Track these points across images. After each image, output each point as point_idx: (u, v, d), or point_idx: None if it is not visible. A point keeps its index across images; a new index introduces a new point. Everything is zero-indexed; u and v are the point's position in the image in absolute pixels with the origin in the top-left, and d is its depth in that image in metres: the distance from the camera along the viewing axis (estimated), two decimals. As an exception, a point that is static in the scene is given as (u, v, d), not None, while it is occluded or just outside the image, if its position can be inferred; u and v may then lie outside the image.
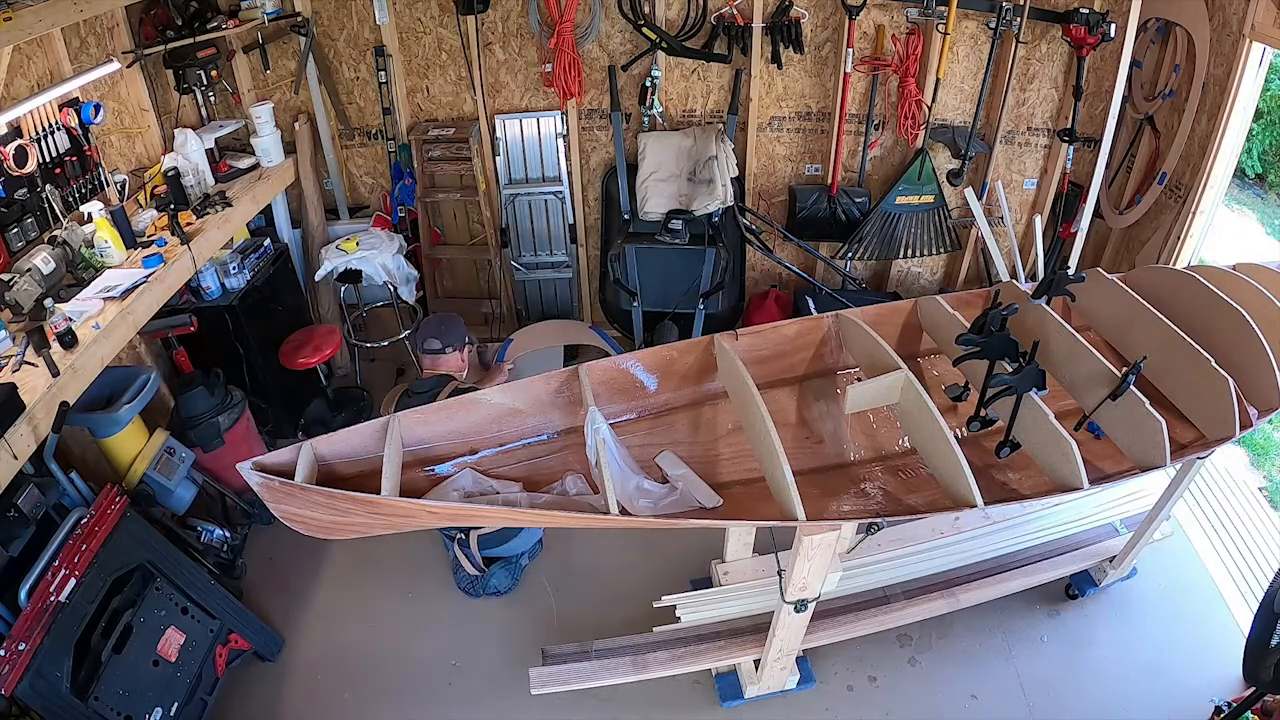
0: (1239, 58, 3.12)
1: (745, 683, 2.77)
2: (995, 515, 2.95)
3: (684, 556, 3.20)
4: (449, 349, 2.87)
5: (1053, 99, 3.90)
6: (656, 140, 3.91)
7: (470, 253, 4.46)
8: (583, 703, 2.74)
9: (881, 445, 2.53)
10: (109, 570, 2.42)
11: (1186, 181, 3.48)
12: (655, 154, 3.89)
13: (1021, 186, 4.18)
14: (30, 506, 2.39)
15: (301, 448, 1.87)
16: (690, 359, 2.42)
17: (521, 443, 2.27)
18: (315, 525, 1.85)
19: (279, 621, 3.08)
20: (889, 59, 3.76)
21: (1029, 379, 2.07)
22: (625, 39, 3.85)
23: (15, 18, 2.38)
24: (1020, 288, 2.62)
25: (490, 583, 3.14)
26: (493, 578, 3.14)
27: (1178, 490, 2.67)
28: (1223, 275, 2.58)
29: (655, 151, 3.89)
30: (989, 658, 2.91)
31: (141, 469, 2.88)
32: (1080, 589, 3.07)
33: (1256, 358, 2.26)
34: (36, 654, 2.15)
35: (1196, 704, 2.61)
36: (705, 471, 2.31)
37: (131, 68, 3.29)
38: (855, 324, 2.43)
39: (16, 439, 2.21)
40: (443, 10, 3.80)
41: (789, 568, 2.23)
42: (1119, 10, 3.51)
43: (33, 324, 2.51)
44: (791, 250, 4.32)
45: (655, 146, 3.90)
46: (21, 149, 2.71)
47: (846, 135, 3.94)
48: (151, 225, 3.18)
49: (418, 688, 2.88)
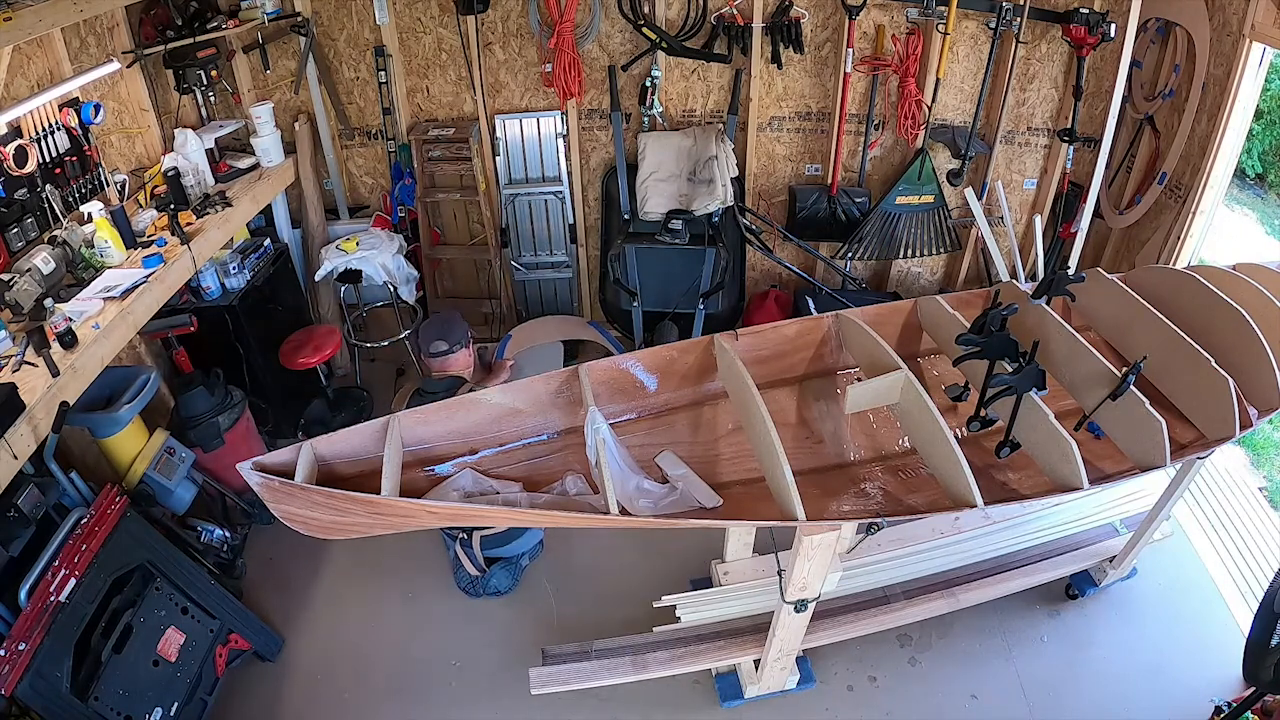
0: (1239, 58, 3.12)
1: (745, 683, 2.77)
2: (995, 515, 2.95)
3: (684, 556, 3.20)
4: (456, 347, 2.82)
5: (1053, 99, 3.90)
6: (656, 140, 3.91)
7: (470, 253, 4.46)
8: (583, 703, 2.74)
9: (881, 445, 2.53)
10: (109, 570, 2.42)
11: (1186, 181, 3.48)
12: (655, 154, 3.89)
13: (1021, 186, 4.18)
14: (30, 506, 2.39)
15: (301, 448, 1.87)
16: (690, 359, 2.42)
17: (521, 443, 2.27)
18: (315, 525, 1.85)
19: (279, 621, 3.08)
20: (889, 59, 3.76)
21: (1029, 379, 2.07)
22: (625, 39, 3.85)
23: (15, 18, 2.38)
24: (1020, 288, 2.62)
25: (490, 583, 3.14)
26: (493, 578, 3.14)
27: (1178, 490, 2.67)
28: (1223, 275, 2.58)
29: (655, 151, 3.89)
30: (989, 658, 2.91)
31: (141, 469, 2.88)
32: (1080, 589, 3.07)
33: (1256, 358, 2.26)
34: (36, 654, 2.15)
35: (1196, 704, 2.60)
36: (705, 471, 2.31)
37: (131, 68, 3.29)
38: (855, 324, 2.42)
39: (16, 439, 2.21)
40: (443, 10, 3.80)
41: (789, 568, 2.23)
42: (1119, 10, 3.51)
43: (33, 324, 2.51)
44: (791, 250, 4.32)
45: (655, 146, 3.90)
46: (21, 149, 2.71)
47: (846, 135, 3.94)
48: (151, 225, 3.18)
49: (418, 688, 2.88)
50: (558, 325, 4.28)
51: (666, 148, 3.90)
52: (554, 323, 4.33)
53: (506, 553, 3.16)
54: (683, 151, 3.91)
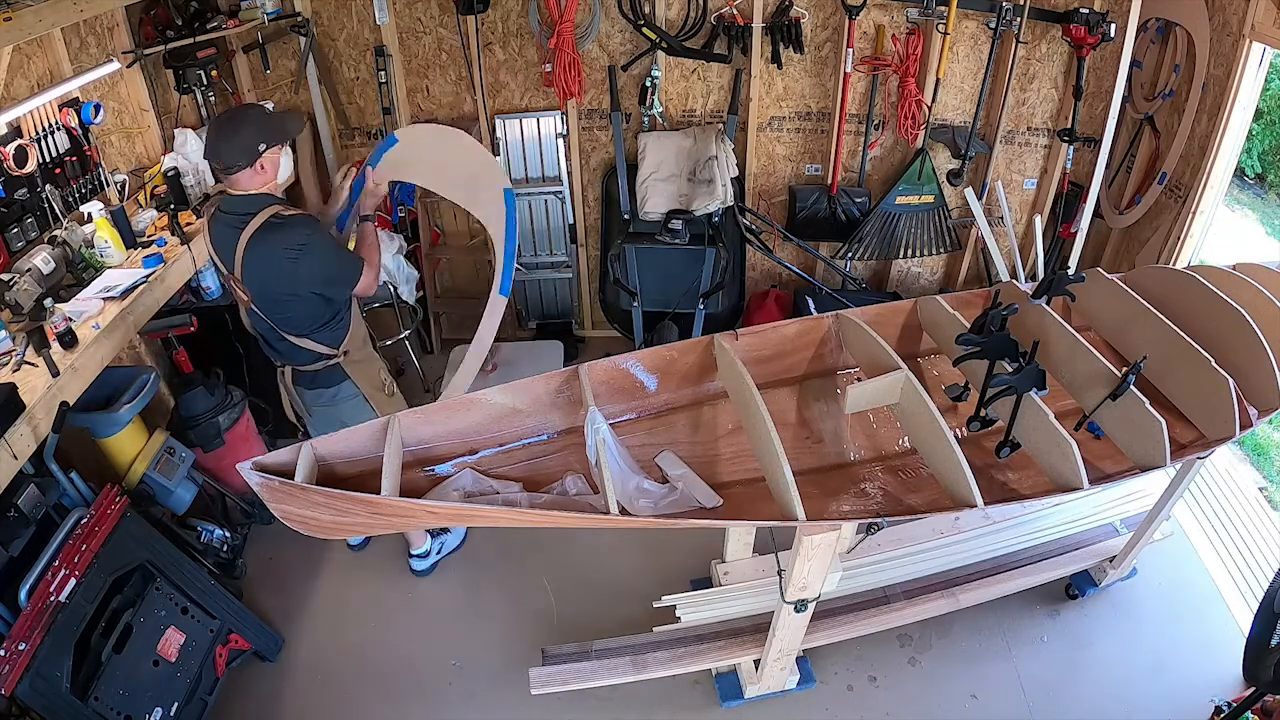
0: (1239, 58, 3.12)
1: (745, 683, 2.77)
2: (995, 515, 2.96)
3: (684, 556, 3.20)
4: (235, 168, 2.23)
5: (1053, 99, 3.90)
6: (656, 140, 3.91)
7: (470, 253, 4.45)
8: (583, 703, 2.74)
9: (881, 445, 2.53)
10: (109, 570, 2.42)
11: (1186, 181, 3.48)
12: (655, 154, 3.89)
13: (1021, 186, 4.18)
14: (30, 506, 2.39)
15: (301, 448, 1.87)
16: (690, 359, 2.42)
17: (521, 443, 2.27)
18: (315, 525, 1.85)
19: (279, 621, 3.08)
20: (889, 59, 3.76)
21: (1029, 379, 2.07)
22: (625, 39, 3.85)
23: (15, 18, 2.38)
24: (1020, 288, 2.62)
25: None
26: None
27: (1178, 490, 2.67)
28: (1223, 275, 2.58)
29: (655, 151, 3.89)
30: (989, 658, 2.91)
31: (141, 469, 2.88)
32: (1080, 589, 3.07)
33: (1256, 358, 2.26)
34: (36, 654, 2.15)
35: (1196, 704, 2.60)
36: (705, 471, 2.31)
37: (131, 68, 3.29)
38: (855, 324, 2.43)
39: (16, 439, 2.21)
40: (443, 10, 3.80)
41: (789, 568, 2.23)
42: (1119, 10, 3.51)
43: (33, 324, 2.50)
44: (791, 250, 4.32)
45: (655, 146, 3.90)
46: (21, 149, 2.71)
47: (846, 135, 3.94)
48: (151, 225, 3.18)
49: (418, 688, 2.88)
50: (441, 140, 2.88)
51: (666, 148, 3.90)
52: (437, 134, 3.03)
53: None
54: (683, 151, 3.91)
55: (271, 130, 2.28)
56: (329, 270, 2.38)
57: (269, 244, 2.26)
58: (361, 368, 2.67)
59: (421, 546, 3.24)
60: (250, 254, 2.28)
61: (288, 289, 2.35)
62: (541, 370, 2.28)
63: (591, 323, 4.70)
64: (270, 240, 2.26)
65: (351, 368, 2.63)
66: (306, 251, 2.27)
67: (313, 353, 2.55)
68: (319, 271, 2.35)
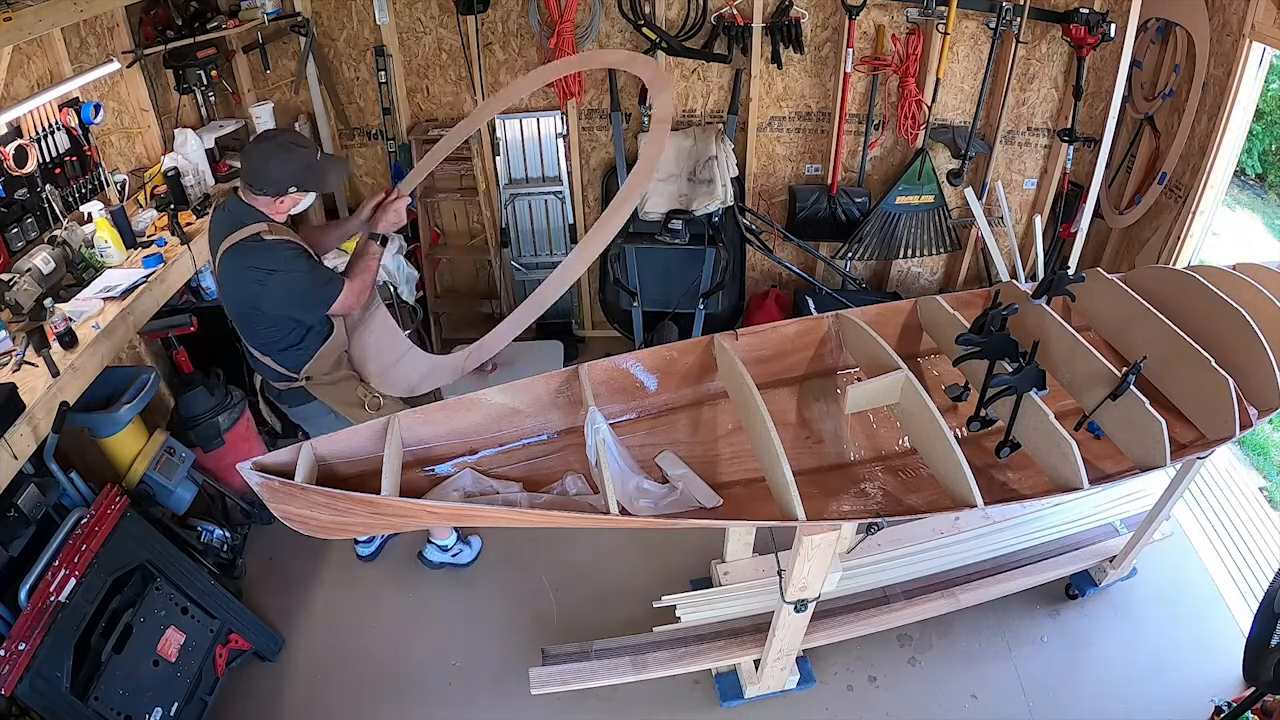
0: (1239, 58, 3.12)
1: (745, 683, 2.77)
2: (995, 515, 2.96)
3: (684, 556, 3.19)
4: (256, 190, 2.26)
5: (1053, 99, 3.90)
6: (656, 140, 3.91)
7: (470, 253, 4.46)
8: (583, 703, 2.74)
9: (881, 445, 2.53)
10: (109, 570, 2.42)
11: (1186, 181, 3.48)
12: (655, 154, 3.88)
13: (1021, 186, 4.18)
14: (30, 506, 2.39)
15: (301, 448, 1.87)
16: (690, 359, 2.42)
17: (521, 443, 2.27)
18: (315, 525, 1.85)
19: (279, 621, 3.07)
20: (889, 59, 3.76)
21: (1029, 379, 2.07)
22: (625, 39, 3.85)
23: (15, 18, 2.38)
24: (1020, 288, 2.62)
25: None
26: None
27: (1178, 490, 2.67)
28: (1223, 275, 2.58)
29: (655, 151, 3.89)
30: (989, 658, 2.91)
31: (141, 469, 2.88)
32: (1080, 589, 3.07)
33: (1256, 358, 2.26)
34: (36, 654, 2.15)
35: (1196, 704, 2.60)
36: (705, 471, 2.31)
37: (131, 68, 3.29)
38: (855, 324, 2.43)
39: (16, 439, 2.21)
40: (443, 10, 3.80)
41: (789, 568, 2.23)
42: (1119, 10, 3.51)
43: (33, 324, 2.50)
44: (791, 250, 4.32)
45: (655, 146, 3.90)
46: (21, 149, 2.71)
47: (846, 135, 3.94)
48: (151, 225, 3.18)
49: (418, 688, 2.88)
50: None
51: (666, 148, 3.90)
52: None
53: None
54: (683, 151, 3.91)
55: (308, 179, 2.30)
56: (298, 298, 2.31)
57: (242, 261, 2.24)
58: (333, 390, 2.55)
59: (446, 539, 3.23)
60: (224, 264, 2.28)
61: (252, 306, 2.32)
62: (541, 370, 2.28)
63: (591, 323, 4.70)
64: (245, 258, 2.23)
65: (319, 390, 2.53)
66: (275, 277, 2.23)
67: (275, 371, 2.49)
68: (283, 299, 2.29)
